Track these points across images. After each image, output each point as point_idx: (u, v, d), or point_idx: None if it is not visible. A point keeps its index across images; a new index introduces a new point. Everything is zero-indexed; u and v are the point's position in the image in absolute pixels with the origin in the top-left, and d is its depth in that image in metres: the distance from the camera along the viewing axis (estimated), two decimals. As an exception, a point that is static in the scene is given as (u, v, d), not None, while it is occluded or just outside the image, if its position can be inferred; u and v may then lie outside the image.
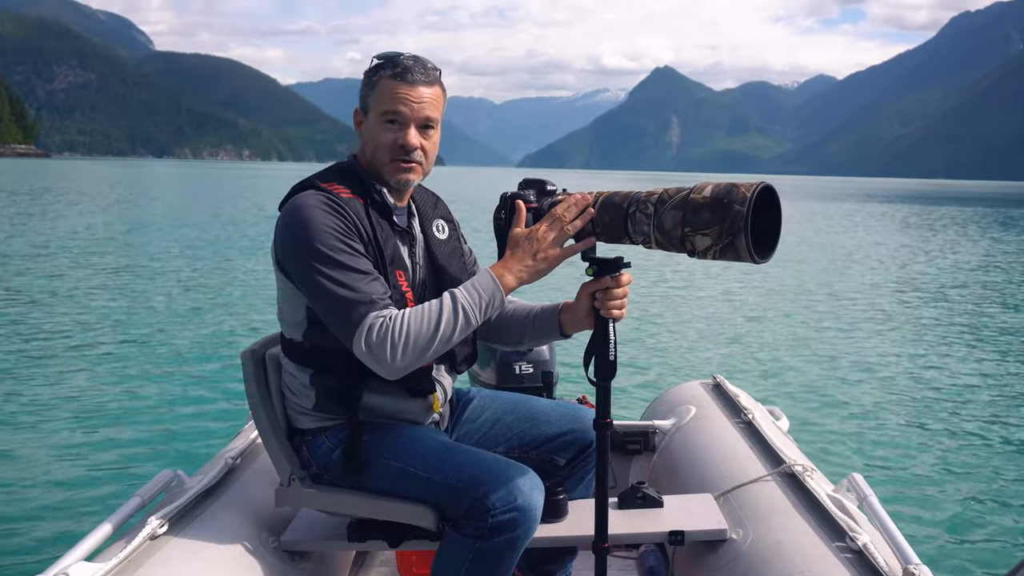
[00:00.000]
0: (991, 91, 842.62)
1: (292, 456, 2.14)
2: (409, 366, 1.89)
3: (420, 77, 2.02)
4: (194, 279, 14.19)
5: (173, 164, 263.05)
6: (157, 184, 66.17)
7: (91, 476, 5.27)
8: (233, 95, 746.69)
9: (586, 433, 2.25)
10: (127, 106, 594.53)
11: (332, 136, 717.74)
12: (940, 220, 43.60)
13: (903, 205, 66.10)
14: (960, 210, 59.31)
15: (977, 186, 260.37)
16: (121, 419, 6.44)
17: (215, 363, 8.31)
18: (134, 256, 17.15)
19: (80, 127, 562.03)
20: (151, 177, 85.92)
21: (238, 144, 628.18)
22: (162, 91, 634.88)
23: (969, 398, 7.82)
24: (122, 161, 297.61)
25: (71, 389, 7.18)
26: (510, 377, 3.03)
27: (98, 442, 5.90)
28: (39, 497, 4.93)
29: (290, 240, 1.97)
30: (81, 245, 18.80)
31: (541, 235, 1.90)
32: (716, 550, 2.24)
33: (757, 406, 3.09)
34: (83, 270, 14.75)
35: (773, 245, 1.72)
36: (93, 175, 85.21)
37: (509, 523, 1.91)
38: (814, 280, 16.48)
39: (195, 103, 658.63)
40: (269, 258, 2.08)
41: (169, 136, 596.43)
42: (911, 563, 1.82)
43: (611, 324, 1.96)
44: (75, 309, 10.98)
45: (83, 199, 38.36)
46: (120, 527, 2.03)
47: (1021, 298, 14.98)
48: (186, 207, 35.77)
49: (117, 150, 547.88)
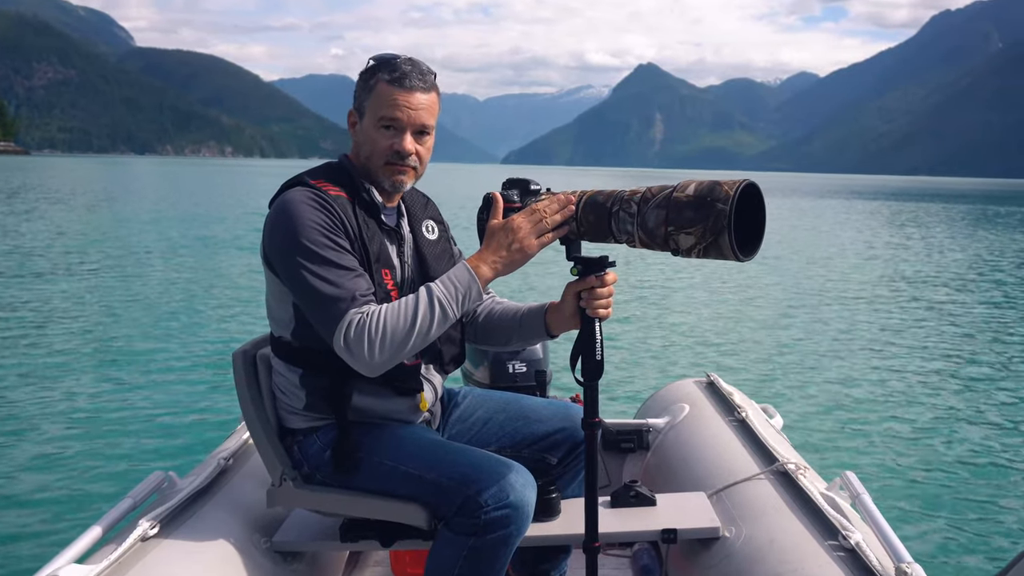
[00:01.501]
0: (971, 89, 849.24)
1: (284, 456, 2.13)
2: (387, 362, 1.88)
3: (418, 83, 2.01)
4: (185, 279, 14.13)
5: (155, 162, 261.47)
6: (141, 182, 65.82)
7: (82, 478, 5.24)
8: (215, 92, 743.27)
9: (578, 432, 2.24)
10: (108, 103, 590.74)
11: (315, 133, 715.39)
12: (928, 217, 43.97)
13: (890, 202, 66.50)
14: (945, 207, 59.85)
15: (959, 183, 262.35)
16: (112, 421, 6.40)
17: (206, 364, 8.27)
18: (122, 256, 17.04)
19: (60, 124, 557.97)
20: (134, 175, 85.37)
21: (220, 141, 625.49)
22: (143, 88, 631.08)
23: (962, 396, 7.86)
24: (103, 158, 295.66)
25: (61, 391, 7.13)
26: (503, 376, 3.02)
27: (89, 444, 5.87)
28: (30, 499, 4.90)
29: (277, 235, 1.96)
30: (66, 244, 18.69)
31: (516, 226, 1.88)
32: (709, 548, 2.24)
33: (751, 404, 3.10)
34: (70, 270, 14.65)
35: (757, 243, 1.71)
36: (75, 173, 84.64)
37: (502, 520, 1.91)
38: (807, 278, 16.56)
39: (177, 100, 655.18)
40: (258, 259, 2.07)
41: (151, 133, 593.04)
42: (904, 561, 1.82)
43: (597, 324, 1.94)
44: (63, 309, 10.91)
45: (68, 197, 38.16)
46: (111, 529, 2.02)
47: (1014, 296, 15.10)
48: (172, 205, 35.60)
49: (98, 147, 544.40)
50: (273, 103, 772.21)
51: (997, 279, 17.36)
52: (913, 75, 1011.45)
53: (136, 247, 18.77)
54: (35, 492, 4.99)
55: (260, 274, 2.09)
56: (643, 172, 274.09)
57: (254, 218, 28.12)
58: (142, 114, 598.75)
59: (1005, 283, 16.73)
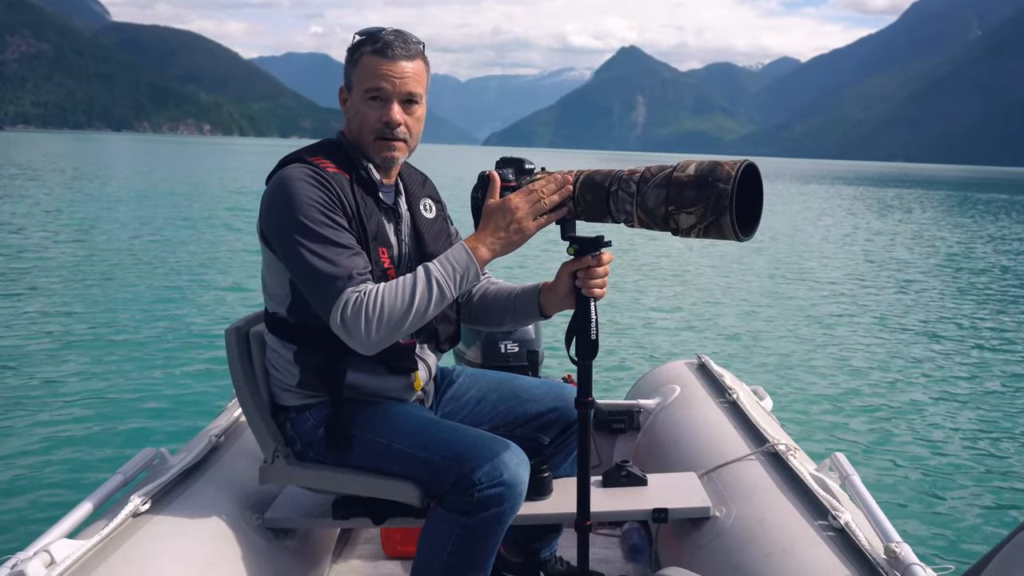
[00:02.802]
0: (950, 77, 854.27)
1: (276, 433, 2.13)
2: (383, 341, 1.87)
3: (401, 52, 1.99)
4: (177, 256, 13.94)
5: (133, 138, 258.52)
6: (121, 159, 65.01)
7: (73, 454, 5.22)
8: (193, 68, 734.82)
9: (570, 411, 2.25)
10: (83, 78, 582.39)
11: (295, 112, 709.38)
12: (914, 202, 44.47)
13: (872, 188, 66.97)
14: (927, 192, 60.43)
15: (937, 170, 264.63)
16: (103, 397, 6.37)
17: (198, 341, 8.22)
18: (112, 233, 16.82)
19: (34, 99, 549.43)
20: (113, 152, 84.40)
21: (199, 119, 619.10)
22: (119, 63, 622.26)
23: (952, 379, 7.94)
24: (79, 134, 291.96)
25: (53, 368, 7.09)
26: (495, 356, 3.02)
27: (80, 420, 5.84)
28: (21, 474, 4.88)
29: (274, 212, 1.95)
30: (51, 221, 18.44)
31: (514, 206, 1.86)
32: (700, 527, 2.26)
33: (741, 386, 3.11)
34: (60, 247, 14.48)
35: (756, 222, 1.72)
36: (52, 148, 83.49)
37: (495, 498, 1.91)
38: (797, 261, 16.66)
39: (154, 76, 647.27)
40: (251, 236, 2.05)
41: (127, 110, 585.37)
42: (892, 541, 1.84)
43: (592, 303, 1.95)
44: (55, 286, 10.81)
45: (47, 174, 37.42)
46: (102, 504, 2.01)
47: (1005, 279, 15.26)
48: (158, 182, 35.22)
49: (73, 123, 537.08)
50: (252, 81, 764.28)
51: (987, 263, 17.56)
52: (893, 62, 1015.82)
53: (127, 223, 18.56)
54: (26, 468, 4.97)
55: (252, 253, 2.08)
56: (626, 155, 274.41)
57: (243, 196, 28.00)
58: (118, 90, 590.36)
59: (994, 267, 16.90)
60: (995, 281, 14.98)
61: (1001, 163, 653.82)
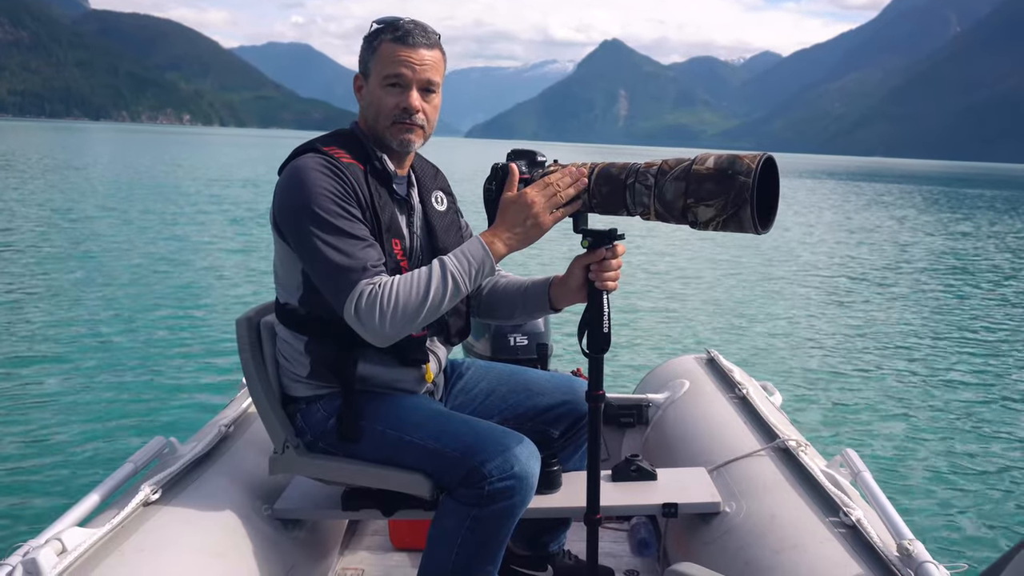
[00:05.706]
0: (929, 73, 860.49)
1: (286, 424, 2.11)
2: (398, 333, 1.87)
3: (421, 40, 1.99)
4: (189, 246, 13.90)
5: (113, 128, 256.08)
6: (106, 149, 64.21)
7: (84, 443, 5.23)
8: (173, 58, 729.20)
9: (580, 405, 2.24)
10: (61, 67, 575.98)
11: (277, 102, 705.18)
12: (911, 198, 44.58)
13: (862, 183, 67.11)
14: (919, 188, 60.77)
15: (919, 165, 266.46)
16: (113, 387, 6.39)
17: (208, 331, 8.21)
18: (124, 224, 16.68)
19: (10, 87, 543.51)
20: (96, 141, 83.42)
21: (178, 108, 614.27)
22: (98, 52, 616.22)
23: (963, 375, 7.95)
24: (57, 123, 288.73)
25: (64, 357, 7.10)
26: (505, 349, 3.01)
27: (90, 409, 5.85)
28: (32, 463, 4.89)
29: (287, 202, 1.93)
30: (54, 210, 18.29)
31: (530, 200, 1.86)
32: (709, 523, 2.25)
33: (751, 381, 3.11)
34: (69, 235, 14.44)
35: (772, 216, 1.72)
36: (34, 137, 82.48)
37: (506, 491, 1.90)
38: (808, 257, 16.70)
39: (133, 65, 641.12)
40: (262, 226, 2.03)
41: (106, 98, 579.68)
42: (905, 538, 1.83)
43: (605, 296, 1.94)
44: (69, 277, 10.75)
45: (38, 165, 36.85)
46: (113, 493, 2.01)
47: (1012, 276, 15.34)
48: (153, 173, 34.86)
49: (51, 112, 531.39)
50: (233, 71, 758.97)
51: (997, 260, 17.64)
52: (872, 58, 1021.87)
53: (133, 214, 18.41)
54: (37, 457, 4.98)
55: (264, 242, 2.06)
56: (611, 148, 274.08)
57: (248, 188, 27.86)
58: (97, 79, 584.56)
59: (1002, 266, 16.96)
60: (1008, 278, 15.01)
61: (980, 159, 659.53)
